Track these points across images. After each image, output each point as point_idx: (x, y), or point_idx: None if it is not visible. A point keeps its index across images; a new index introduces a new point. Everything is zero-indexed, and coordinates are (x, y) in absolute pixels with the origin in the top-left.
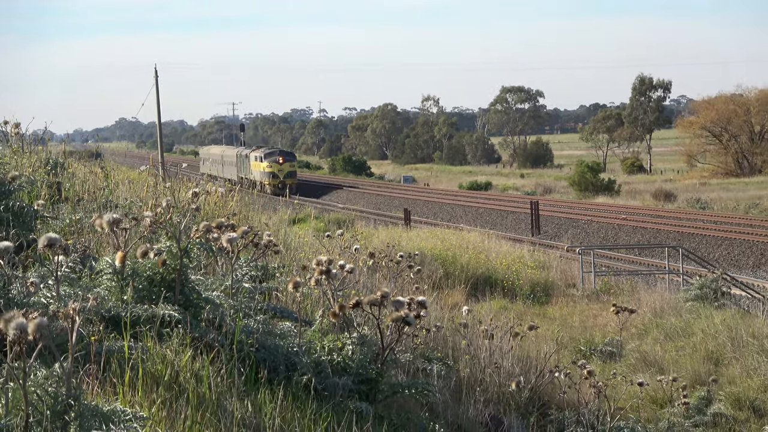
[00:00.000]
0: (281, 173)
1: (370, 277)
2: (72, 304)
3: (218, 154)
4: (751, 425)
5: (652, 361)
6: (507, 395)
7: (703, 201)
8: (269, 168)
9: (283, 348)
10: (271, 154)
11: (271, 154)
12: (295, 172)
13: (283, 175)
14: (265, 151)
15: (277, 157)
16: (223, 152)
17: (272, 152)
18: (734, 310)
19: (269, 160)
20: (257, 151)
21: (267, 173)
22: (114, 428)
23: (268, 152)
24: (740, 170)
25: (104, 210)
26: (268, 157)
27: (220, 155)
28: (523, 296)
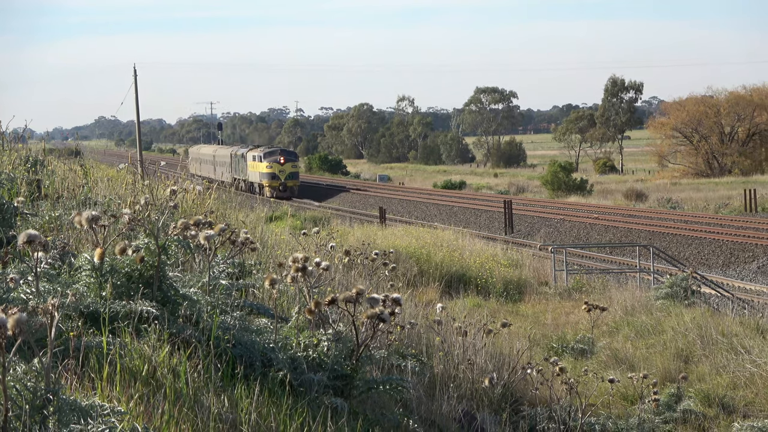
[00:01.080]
0: (282, 174)
1: (345, 274)
2: (51, 300)
3: (209, 153)
4: (720, 422)
5: (622, 358)
6: (480, 391)
7: (673, 201)
8: (269, 168)
9: (260, 344)
10: (271, 154)
11: (271, 154)
12: (298, 174)
13: (285, 176)
14: (265, 151)
15: (277, 156)
16: (215, 152)
17: (272, 151)
18: (704, 309)
19: (269, 160)
20: (255, 151)
21: (266, 174)
22: (92, 423)
23: (267, 151)
24: (710, 171)
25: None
26: (267, 156)
27: (212, 155)
28: (497, 294)
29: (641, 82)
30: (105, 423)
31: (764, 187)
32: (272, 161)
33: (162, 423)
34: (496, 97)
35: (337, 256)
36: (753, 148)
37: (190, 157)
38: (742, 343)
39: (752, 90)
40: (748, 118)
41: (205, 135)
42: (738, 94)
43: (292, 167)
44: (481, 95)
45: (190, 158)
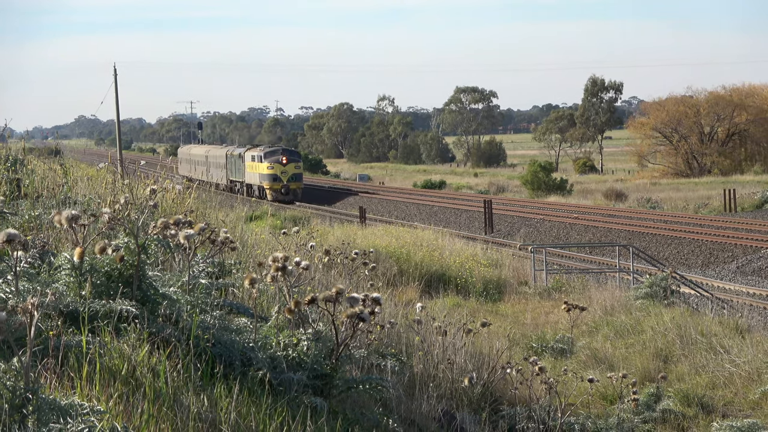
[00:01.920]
0: (285, 176)
1: (325, 274)
2: (31, 299)
3: (201, 154)
4: (699, 421)
5: (602, 358)
6: (460, 391)
7: (653, 201)
8: (270, 170)
9: (239, 343)
10: (272, 153)
11: (272, 153)
12: (302, 175)
13: (288, 177)
14: (265, 150)
15: (279, 156)
16: (208, 152)
17: (274, 151)
18: (683, 309)
19: (270, 160)
20: (254, 150)
21: (267, 176)
22: (71, 422)
23: (268, 151)
24: (690, 171)
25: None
26: (268, 156)
27: (204, 155)
28: (476, 293)
29: (621, 82)
30: (84, 422)
31: (744, 187)
32: (274, 161)
33: (141, 422)
34: (476, 97)
35: (317, 255)
36: (732, 148)
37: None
38: (722, 342)
39: (732, 90)
40: (727, 118)
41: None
42: (718, 94)
43: (296, 168)
44: (461, 95)
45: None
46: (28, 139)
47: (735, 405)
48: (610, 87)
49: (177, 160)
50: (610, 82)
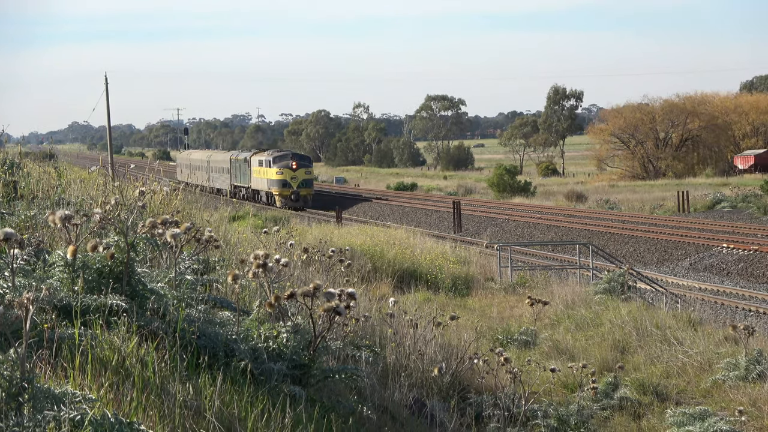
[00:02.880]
0: (294, 181)
1: (303, 270)
2: (26, 294)
3: (203, 159)
4: (654, 409)
5: (563, 349)
6: (430, 380)
7: (611, 202)
8: (279, 175)
9: (223, 336)
10: (281, 158)
11: (281, 158)
12: (312, 181)
13: (297, 183)
14: (274, 155)
15: (289, 161)
16: (210, 157)
17: (283, 155)
18: (639, 303)
19: (279, 165)
20: (262, 155)
21: (276, 182)
22: (65, 409)
23: (277, 155)
24: (646, 174)
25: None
26: (277, 161)
27: (206, 160)
28: (446, 289)
29: (581, 90)
30: (77, 409)
31: (696, 189)
32: (283, 166)
33: (131, 410)
34: (445, 105)
35: (296, 253)
36: (686, 153)
37: (179, 163)
38: (675, 335)
39: (685, 98)
40: (681, 124)
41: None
42: (672, 102)
43: (306, 173)
44: (432, 102)
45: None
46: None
47: (688, 393)
48: (571, 95)
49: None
50: (571, 90)
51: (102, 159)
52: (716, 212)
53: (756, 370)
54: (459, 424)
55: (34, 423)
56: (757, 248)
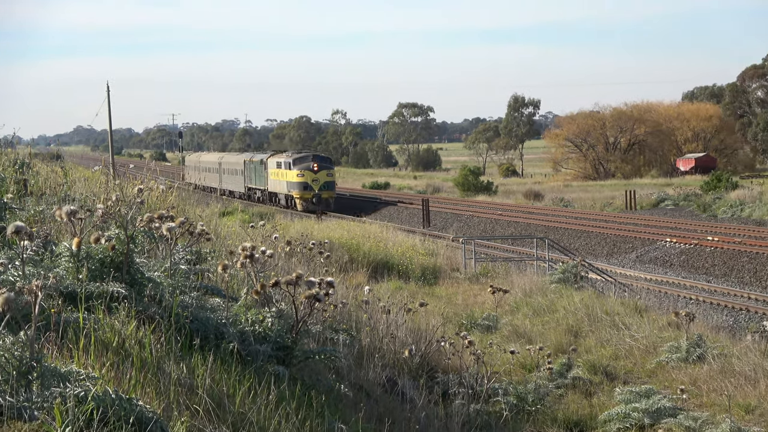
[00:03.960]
0: (316, 184)
1: (287, 261)
2: (35, 281)
3: (213, 161)
4: (604, 387)
5: (522, 333)
6: (401, 361)
7: (566, 200)
8: (300, 177)
9: (213, 320)
10: (302, 160)
11: (302, 160)
12: (334, 183)
13: (319, 186)
14: (294, 156)
15: (310, 163)
16: (222, 159)
17: (303, 157)
18: (591, 291)
19: (300, 167)
20: (280, 157)
21: (297, 184)
22: (70, 386)
23: (298, 157)
24: (597, 175)
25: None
26: (298, 163)
27: (217, 162)
28: (415, 278)
29: (539, 99)
30: (81, 387)
31: (642, 188)
32: (303, 168)
33: (130, 387)
34: (415, 111)
35: (280, 245)
36: (633, 156)
37: (187, 166)
38: (623, 320)
39: (632, 106)
40: (629, 130)
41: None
42: (621, 110)
43: (328, 176)
44: (403, 109)
45: (186, 167)
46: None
47: (634, 373)
48: (530, 103)
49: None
50: (530, 99)
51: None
52: (660, 210)
53: (696, 353)
54: (427, 401)
55: (42, 399)
56: (697, 242)
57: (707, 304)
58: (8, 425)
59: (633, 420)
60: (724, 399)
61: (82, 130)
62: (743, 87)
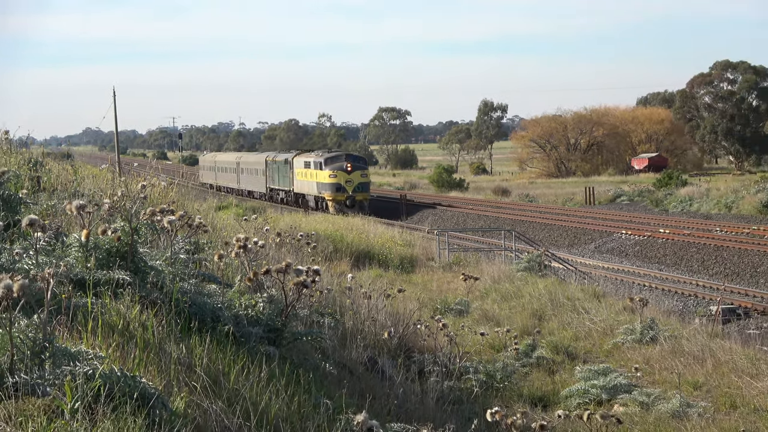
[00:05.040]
0: (350, 186)
1: (277, 251)
2: (47, 269)
3: (231, 161)
4: (566, 366)
5: (491, 316)
6: (381, 342)
7: (531, 196)
8: (333, 178)
9: (210, 304)
10: (334, 159)
11: (334, 159)
12: (369, 184)
13: (353, 187)
14: (325, 156)
15: (343, 163)
16: (240, 159)
17: (336, 156)
18: (553, 279)
19: (332, 167)
20: (308, 156)
21: (329, 185)
22: (79, 365)
23: (329, 156)
24: (559, 173)
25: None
26: (330, 163)
27: (234, 162)
28: (394, 267)
29: (506, 103)
30: (89, 365)
31: (600, 185)
32: (336, 168)
33: (134, 365)
34: (394, 115)
35: (271, 236)
36: (592, 156)
37: (201, 166)
38: (583, 305)
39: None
40: (588, 132)
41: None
42: (581, 114)
43: (362, 176)
44: (383, 113)
45: (200, 167)
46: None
47: (593, 353)
48: (498, 108)
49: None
50: (498, 104)
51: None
52: (617, 205)
53: (649, 335)
54: (405, 378)
55: (53, 376)
56: (650, 234)
57: (659, 290)
58: (23, 400)
59: (592, 396)
60: (674, 377)
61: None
62: (692, 93)
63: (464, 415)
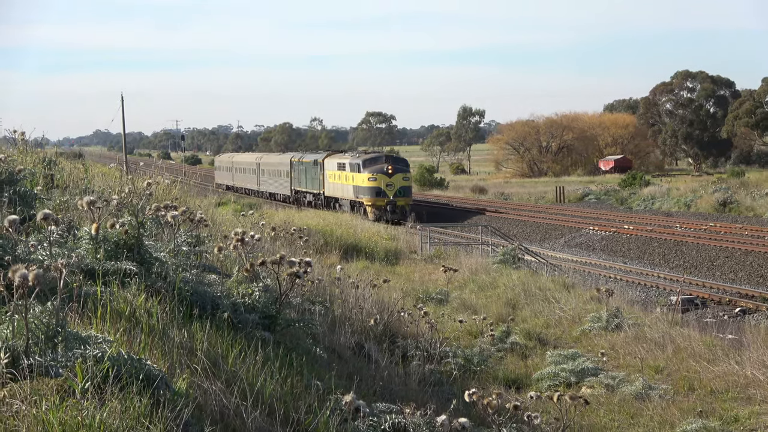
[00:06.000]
0: (390, 189)
1: (272, 244)
2: (60, 260)
3: (250, 161)
4: (538, 351)
5: (469, 305)
6: (367, 328)
7: (506, 194)
8: (372, 182)
9: (210, 293)
10: (373, 161)
11: (373, 161)
12: (411, 188)
13: (394, 191)
14: (363, 157)
15: (383, 165)
16: (261, 159)
17: (375, 158)
18: (526, 271)
19: (371, 170)
20: (342, 157)
21: (368, 189)
22: (89, 348)
23: (367, 158)
24: (532, 173)
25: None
26: (369, 165)
27: (254, 162)
28: (380, 259)
29: (484, 109)
30: (98, 348)
31: (570, 185)
32: (376, 171)
33: (140, 349)
34: (380, 119)
35: (266, 230)
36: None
37: (217, 167)
38: (553, 295)
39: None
40: (559, 136)
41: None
42: (552, 119)
43: (404, 179)
44: (370, 117)
45: (217, 168)
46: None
47: (563, 340)
48: (476, 113)
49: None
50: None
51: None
52: (585, 203)
53: (614, 323)
54: (389, 362)
55: (65, 359)
56: (615, 230)
57: (624, 281)
58: (38, 381)
59: (561, 378)
60: (637, 361)
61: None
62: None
63: (444, 396)
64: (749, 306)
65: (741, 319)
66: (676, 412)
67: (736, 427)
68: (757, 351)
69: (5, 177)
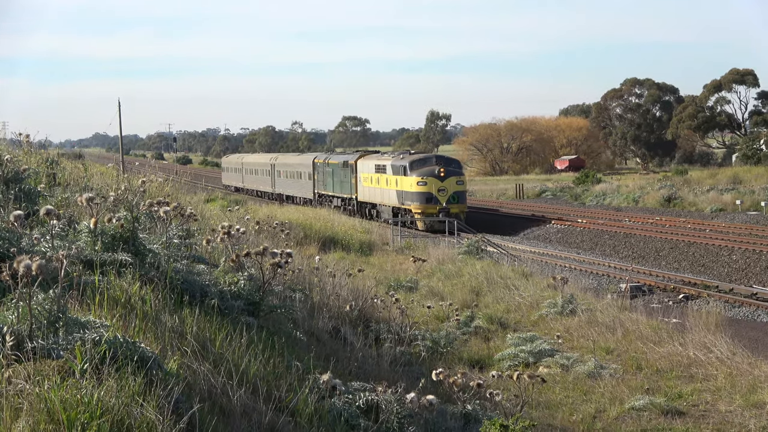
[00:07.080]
0: (443, 195)
1: (256, 236)
2: (61, 252)
3: (264, 162)
4: (499, 334)
5: (436, 292)
6: (343, 313)
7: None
8: (421, 186)
9: (199, 282)
10: (422, 163)
11: (422, 163)
12: (465, 194)
13: (447, 198)
14: (410, 159)
15: (434, 166)
16: (277, 160)
17: (423, 159)
18: (489, 261)
19: (419, 173)
20: (381, 159)
21: (416, 195)
22: (88, 332)
23: (415, 159)
24: (494, 172)
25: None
26: (417, 167)
27: (269, 164)
28: (355, 250)
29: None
30: (96, 333)
31: (528, 183)
32: (425, 174)
33: (134, 333)
34: (356, 122)
35: (251, 224)
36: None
37: (225, 168)
38: (513, 283)
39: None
40: (518, 137)
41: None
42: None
43: (458, 183)
44: (346, 121)
45: (225, 169)
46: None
47: (522, 324)
48: (443, 117)
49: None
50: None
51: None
52: (542, 199)
53: (569, 308)
54: (364, 344)
55: (66, 342)
56: (570, 224)
57: (577, 270)
58: (40, 362)
59: (521, 359)
60: (590, 343)
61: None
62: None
63: (413, 375)
64: (692, 293)
65: (684, 304)
66: (625, 389)
67: (680, 402)
68: (698, 334)
69: (11, 176)
